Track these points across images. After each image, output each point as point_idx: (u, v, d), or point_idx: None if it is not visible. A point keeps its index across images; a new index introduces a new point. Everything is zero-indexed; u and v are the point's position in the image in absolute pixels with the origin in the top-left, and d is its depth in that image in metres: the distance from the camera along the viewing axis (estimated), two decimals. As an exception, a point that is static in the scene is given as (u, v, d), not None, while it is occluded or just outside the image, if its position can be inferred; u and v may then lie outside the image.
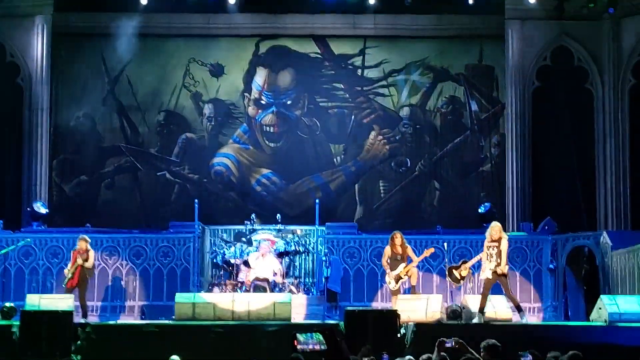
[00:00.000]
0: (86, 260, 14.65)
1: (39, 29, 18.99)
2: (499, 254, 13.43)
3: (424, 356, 8.75)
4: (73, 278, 14.63)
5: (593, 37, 19.03)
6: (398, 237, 14.43)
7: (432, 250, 15.14)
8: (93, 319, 15.45)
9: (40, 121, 18.99)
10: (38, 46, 18.99)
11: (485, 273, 13.51)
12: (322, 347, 6.97)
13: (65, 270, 14.77)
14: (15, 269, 16.72)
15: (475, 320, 13.47)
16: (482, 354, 8.59)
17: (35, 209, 17.78)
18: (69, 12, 19.28)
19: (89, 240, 14.89)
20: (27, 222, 17.87)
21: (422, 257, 14.89)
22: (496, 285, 13.76)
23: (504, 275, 13.53)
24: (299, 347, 7.16)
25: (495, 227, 13.62)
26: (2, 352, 12.41)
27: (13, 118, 19.04)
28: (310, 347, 7.18)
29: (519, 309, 13.78)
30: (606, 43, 18.96)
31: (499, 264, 13.40)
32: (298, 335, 7.21)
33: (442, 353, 7.86)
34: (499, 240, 13.49)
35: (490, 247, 13.52)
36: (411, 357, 8.68)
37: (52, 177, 19.40)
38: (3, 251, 16.31)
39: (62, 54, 19.54)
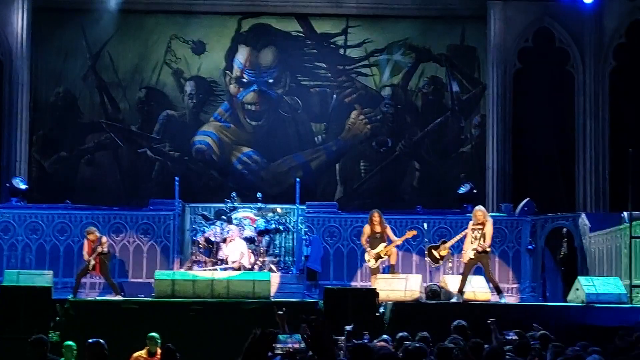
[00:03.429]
0: (101, 246, 14.62)
1: (19, 4, 18.82)
2: (483, 237, 13.54)
3: (402, 334, 8.81)
4: (95, 266, 14.62)
5: (574, 19, 19.06)
6: (376, 216, 14.48)
7: (414, 232, 15.18)
8: (93, 295, 15.45)
9: (20, 96, 18.86)
10: (18, 21, 18.82)
11: (468, 254, 13.58)
12: (302, 346, 6.96)
13: (86, 258, 14.71)
14: (-6, 245, 16.65)
15: (454, 300, 13.55)
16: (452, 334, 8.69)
17: (15, 184, 17.68)
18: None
19: (95, 230, 14.85)
20: (6, 197, 17.77)
21: (403, 238, 14.94)
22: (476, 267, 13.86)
23: (486, 252, 13.64)
24: (278, 346, 7.15)
25: (479, 211, 13.72)
26: (-20, 327, 12.38)
27: (-8, 93, 18.91)
28: (290, 346, 7.18)
29: (498, 290, 13.87)
30: (587, 25, 19.00)
31: (481, 244, 13.49)
32: (279, 336, 7.19)
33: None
34: (483, 224, 13.60)
35: (474, 229, 13.61)
36: (388, 337, 8.72)
37: (32, 153, 19.29)
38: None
39: (42, 29, 19.38)
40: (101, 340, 7.37)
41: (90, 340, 7.40)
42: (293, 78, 19.97)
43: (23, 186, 17.77)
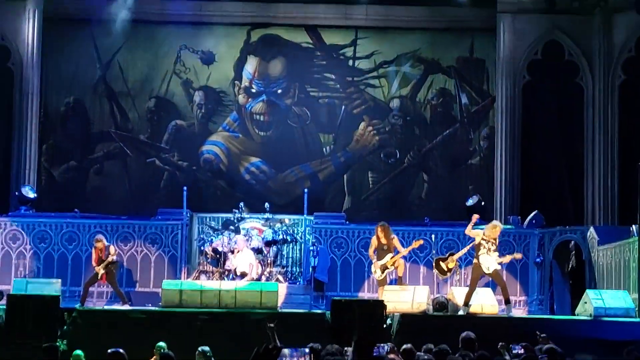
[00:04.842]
0: (110, 256, 14.65)
1: (30, 13, 18.91)
2: (496, 250, 13.57)
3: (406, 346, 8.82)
4: (103, 275, 14.66)
5: (584, 32, 19.06)
6: (380, 230, 14.44)
7: (420, 242, 15.12)
8: (101, 304, 15.49)
9: (30, 105, 18.93)
10: (29, 30, 18.91)
11: (493, 265, 13.56)
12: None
13: (96, 268, 14.74)
14: (3, 253, 16.70)
15: (460, 312, 13.53)
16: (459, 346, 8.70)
17: (24, 193, 17.74)
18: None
19: (103, 239, 14.88)
20: (15, 206, 17.83)
21: (410, 248, 14.92)
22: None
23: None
24: None
25: (499, 226, 13.72)
26: (-12, 335, 12.42)
27: (3, 102, 18.97)
28: None
29: (507, 301, 13.86)
30: (597, 38, 18.99)
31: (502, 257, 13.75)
32: (284, 350, 7.19)
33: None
34: (496, 238, 13.66)
35: (488, 241, 13.59)
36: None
37: (41, 162, 19.35)
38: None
39: (53, 39, 19.47)
40: (121, 350, 7.42)
41: (110, 350, 7.46)
42: (302, 89, 20.01)
43: (32, 195, 17.84)
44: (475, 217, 14.08)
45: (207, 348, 10.35)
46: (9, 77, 18.99)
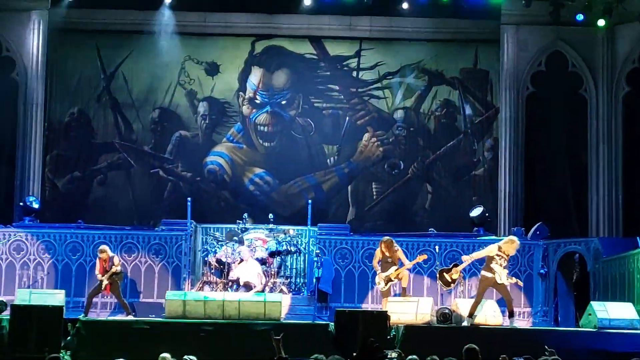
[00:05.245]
0: (114, 266, 14.65)
1: (35, 24, 18.97)
2: (506, 267, 13.62)
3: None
4: (107, 285, 14.66)
5: (588, 43, 19.09)
6: (386, 244, 14.42)
7: (424, 256, 15.16)
8: (104, 315, 15.48)
9: (34, 116, 18.97)
10: (34, 41, 18.96)
11: (504, 278, 13.53)
12: None
13: (98, 277, 14.74)
14: (6, 264, 16.71)
15: (464, 324, 13.51)
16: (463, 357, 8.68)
17: (28, 203, 17.76)
18: (65, 8, 19.23)
19: (107, 249, 14.88)
20: (19, 216, 17.85)
21: (414, 262, 14.92)
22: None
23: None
24: None
25: (515, 244, 13.69)
26: (-9, 346, 12.42)
27: (7, 113, 19.02)
28: None
29: (511, 313, 13.84)
30: (601, 50, 19.01)
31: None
32: None
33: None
34: (509, 255, 13.68)
35: (500, 256, 13.58)
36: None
37: (45, 173, 19.37)
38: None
39: (57, 50, 19.53)
40: None
41: None
42: (306, 100, 20.03)
43: (36, 205, 17.86)
44: (465, 261, 14.19)
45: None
46: (14, 87, 19.04)
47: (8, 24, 18.99)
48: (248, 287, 15.47)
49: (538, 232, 17.29)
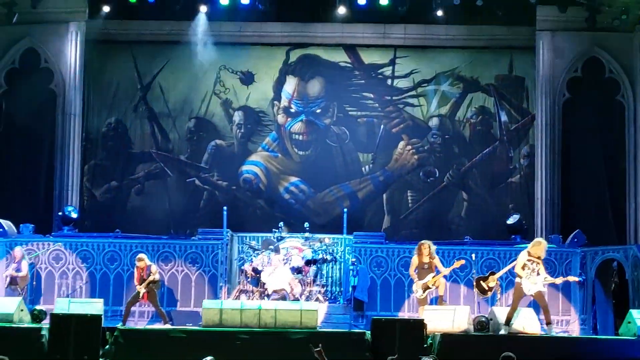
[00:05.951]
0: (151, 275, 14.77)
1: (72, 36, 19.20)
2: (542, 271, 13.46)
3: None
4: (144, 294, 14.80)
5: (625, 48, 18.92)
6: (425, 247, 14.42)
7: (462, 262, 15.06)
8: (142, 323, 15.59)
9: (72, 126, 19.19)
10: (71, 52, 19.20)
11: (535, 288, 13.41)
12: None
13: (137, 287, 14.88)
14: (46, 273, 16.90)
15: (502, 332, 13.43)
16: None
17: (66, 213, 17.97)
18: (102, 19, 19.45)
19: (145, 258, 14.99)
20: (58, 226, 18.06)
21: (451, 268, 14.84)
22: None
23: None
24: None
25: (542, 245, 13.58)
26: (31, 355, 12.54)
27: (46, 123, 19.25)
28: None
29: (549, 323, 13.73)
30: (638, 55, 18.84)
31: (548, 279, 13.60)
32: None
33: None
34: (541, 258, 13.51)
35: (532, 261, 13.46)
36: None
37: (84, 182, 19.58)
38: (33, 255, 16.55)
39: (95, 61, 19.75)
40: None
41: None
42: (340, 108, 20.07)
43: (75, 215, 18.06)
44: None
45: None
46: (52, 98, 19.27)
47: (46, 36, 19.23)
48: (277, 294, 15.49)
49: (575, 240, 17.16)
